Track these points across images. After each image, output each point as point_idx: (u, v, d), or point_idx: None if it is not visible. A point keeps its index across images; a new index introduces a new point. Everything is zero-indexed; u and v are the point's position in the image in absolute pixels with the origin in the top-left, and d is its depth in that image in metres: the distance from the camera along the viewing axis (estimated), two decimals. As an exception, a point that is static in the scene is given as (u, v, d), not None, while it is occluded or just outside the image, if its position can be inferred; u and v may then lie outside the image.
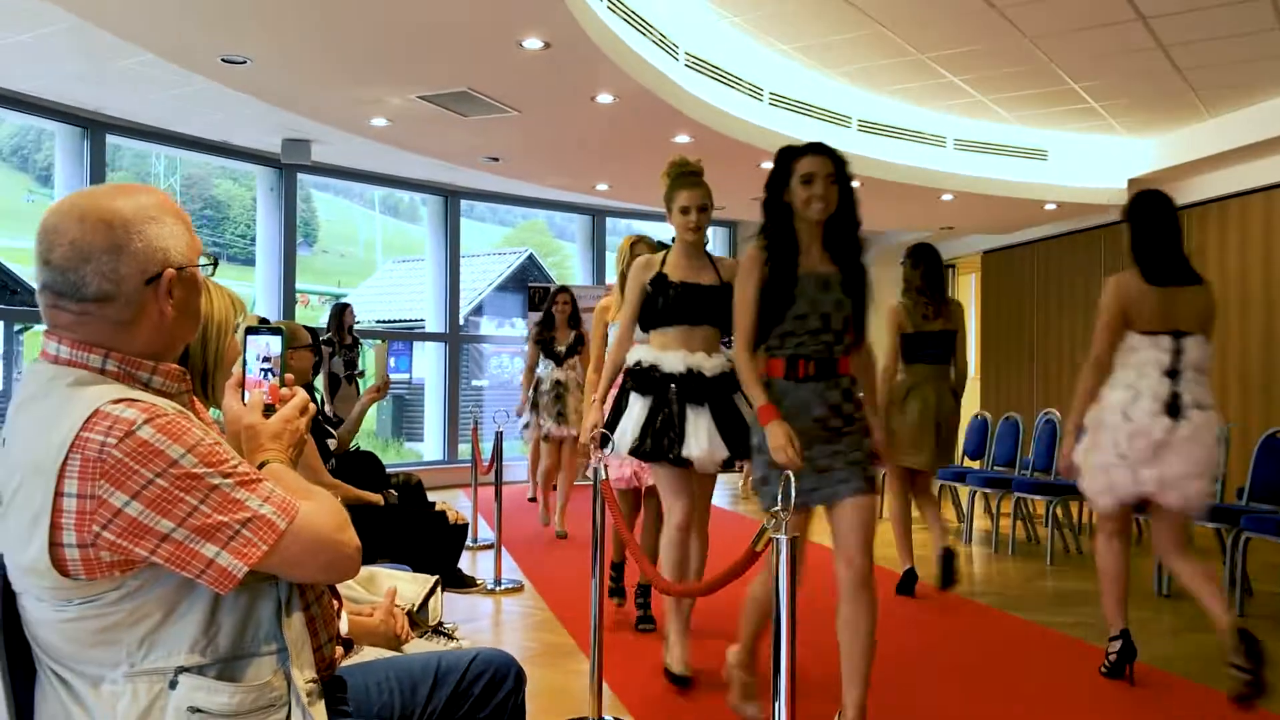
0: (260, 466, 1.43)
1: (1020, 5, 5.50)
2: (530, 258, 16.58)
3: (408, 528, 3.84)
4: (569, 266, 12.99)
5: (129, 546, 1.24)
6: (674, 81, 6.24)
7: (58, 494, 1.23)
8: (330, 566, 1.39)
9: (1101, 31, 5.83)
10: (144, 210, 1.36)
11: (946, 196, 8.54)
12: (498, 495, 5.30)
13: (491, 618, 4.57)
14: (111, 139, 7.42)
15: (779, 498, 1.81)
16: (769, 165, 2.86)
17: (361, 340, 8.29)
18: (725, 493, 8.92)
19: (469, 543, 5.84)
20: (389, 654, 1.89)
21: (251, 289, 9.30)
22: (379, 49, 5.37)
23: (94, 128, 7.20)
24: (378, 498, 3.84)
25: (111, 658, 1.29)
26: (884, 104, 7.56)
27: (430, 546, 3.90)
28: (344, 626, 1.88)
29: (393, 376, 13.51)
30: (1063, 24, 5.76)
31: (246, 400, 1.51)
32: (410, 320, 13.55)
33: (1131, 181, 8.27)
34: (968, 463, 7.31)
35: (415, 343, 11.22)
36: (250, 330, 1.55)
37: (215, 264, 1.49)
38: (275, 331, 1.54)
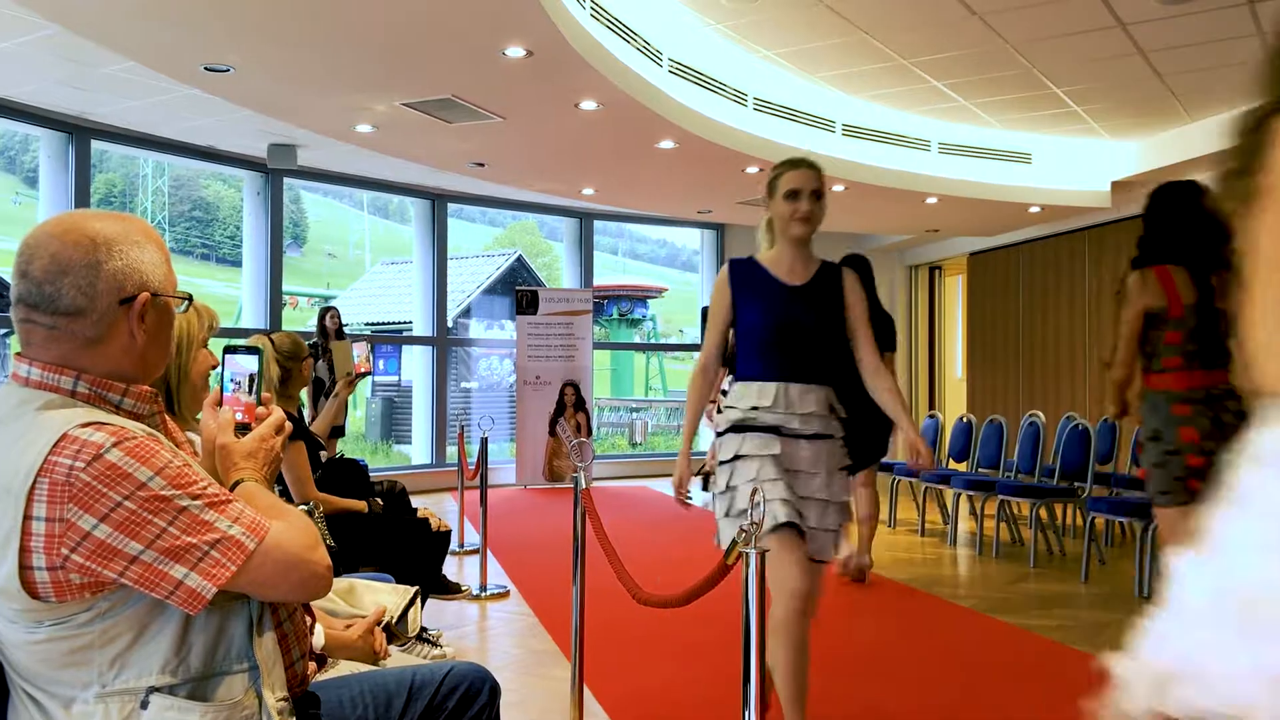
0: (234, 486, 1.45)
1: (1002, 12, 5.54)
2: (519, 260, 16.57)
3: (390, 535, 3.85)
4: (559, 268, 13.00)
5: (98, 569, 1.25)
6: (658, 88, 6.25)
7: (26, 517, 1.24)
8: (301, 586, 1.41)
9: (1082, 38, 5.87)
10: (128, 234, 1.38)
11: (931, 200, 8.58)
12: (483, 500, 5.31)
13: (476, 624, 4.58)
14: (96, 144, 7.41)
15: (750, 512, 1.81)
16: (754, 170, 2.82)
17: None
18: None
19: (455, 548, 5.86)
20: (364, 668, 1.90)
21: (238, 291, 9.29)
22: (361, 57, 5.37)
23: (78, 133, 7.18)
24: (362, 505, 3.85)
25: (83, 678, 1.30)
26: (868, 109, 7.59)
27: (413, 554, 3.91)
28: (319, 641, 1.90)
29: (380, 379, 13.45)
30: (1044, 30, 5.80)
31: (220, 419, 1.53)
32: (398, 323, 13.54)
33: (1115, 184, 8.32)
34: (953, 464, 7.35)
35: (403, 345, 11.19)
36: (228, 349, 1.57)
37: (190, 300, 1.50)
38: (252, 350, 1.56)
